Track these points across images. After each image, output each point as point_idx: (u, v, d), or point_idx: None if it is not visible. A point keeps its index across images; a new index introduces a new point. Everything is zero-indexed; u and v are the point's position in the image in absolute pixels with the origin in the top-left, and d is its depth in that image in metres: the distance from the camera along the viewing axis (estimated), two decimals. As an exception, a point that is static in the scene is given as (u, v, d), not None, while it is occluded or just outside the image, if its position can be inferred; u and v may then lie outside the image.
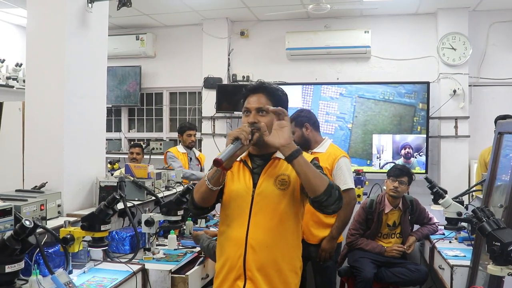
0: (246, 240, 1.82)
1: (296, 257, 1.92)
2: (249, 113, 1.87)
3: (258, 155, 1.93)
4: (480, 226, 1.91)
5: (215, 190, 1.81)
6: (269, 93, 1.90)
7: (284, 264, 1.85)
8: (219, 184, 1.81)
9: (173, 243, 2.96)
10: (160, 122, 6.91)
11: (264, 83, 1.93)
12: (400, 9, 5.70)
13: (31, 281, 1.97)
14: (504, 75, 5.60)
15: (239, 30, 6.31)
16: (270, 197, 1.84)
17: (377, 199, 3.68)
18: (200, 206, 1.89)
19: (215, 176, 1.78)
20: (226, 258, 1.89)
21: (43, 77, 2.86)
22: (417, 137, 5.62)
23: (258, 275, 1.81)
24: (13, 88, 5.56)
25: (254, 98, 1.89)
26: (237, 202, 1.88)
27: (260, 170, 1.90)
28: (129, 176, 3.22)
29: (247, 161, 1.93)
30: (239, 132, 1.74)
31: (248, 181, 1.88)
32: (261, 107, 1.85)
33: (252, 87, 1.92)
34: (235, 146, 1.71)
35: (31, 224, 1.80)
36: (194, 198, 1.89)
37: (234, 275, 1.85)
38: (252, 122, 1.82)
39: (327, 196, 1.69)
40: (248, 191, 1.87)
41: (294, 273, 1.90)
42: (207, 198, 1.85)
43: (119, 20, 6.15)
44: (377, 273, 3.51)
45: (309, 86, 5.88)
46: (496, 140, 2.71)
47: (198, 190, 1.86)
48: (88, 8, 3.01)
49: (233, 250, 1.86)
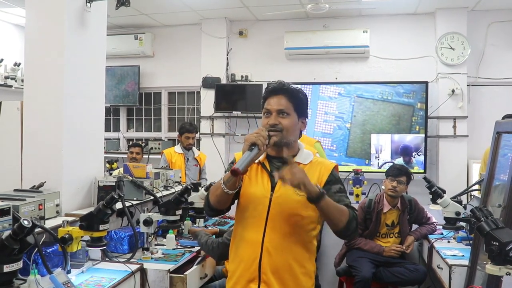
0: (262, 243, 1.81)
1: (310, 261, 1.91)
2: (269, 114, 1.85)
3: (276, 157, 1.90)
4: (479, 226, 1.91)
5: (231, 193, 1.79)
6: (290, 94, 1.86)
7: (298, 268, 1.84)
8: (235, 188, 1.78)
9: (172, 243, 2.96)
10: (158, 121, 6.91)
11: (285, 84, 1.89)
12: (399, 9, 5.71)
13: (29, 280, 1.96)
14: (502, 74, 5.62)
15: (238, 30, 6.31)
16: (288, 202, 1.81)
17: (376, 198, 3.68)
18: (215, 208, 1.88)
19: (231, 180, 1.75)
20: (241, 260, 1.87)
21: (41, 77, 2.86)
22: (416, 137, 5.63)
23: (273, 278, 1.80)
24: (11, 87, 5.57)
25: (274, 99, 1.86)
26: (254, 205, 1.85)
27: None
28: (128, 176, 3.21)
29: (265, 163, 1.90)
30: (256, 137, 1.72)
31: (266, 184, 1.86)
32: (282, 109, 1.82)
33: (273, 88, 1.90)
34: (252, 153, 1.69)
35: (30, 224, 1.80)
36: (209, 200, 1.87)
37: (248, 278, 1.83)
38: (273, 124, 1.81)
39: (347, 230, 1.75)
40: (266, 194, 1.84)
41: (308, 277, 1.88)
42: (223, 201, 1.83)
43: (117, 20, 6.15)
44: (375, 273, 3.51)
45: (308, 86, 5.88)
46: (495, 139, 2.71)
47: (214, 193, 1.84)
48: (87, 8, 3.01)
49: (248, 252, 1.84)
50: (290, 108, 1.85)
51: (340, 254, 3.81)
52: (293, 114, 1.86)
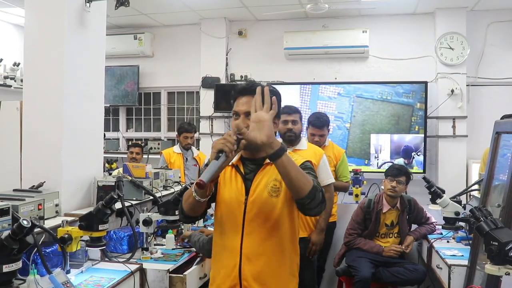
0: (241, 250, 1.76)
1: (294, 261, 1.87)
2: (238, 116, 1.77)
3: (250, 159, 1.84)
4: (478, 226, 1.92)
5: (203, 201, 1.71)
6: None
7: (281, 270, 1.80)
8: (206, 196, 1.70)
9: (171, 243, 2.96)
10: (158, 121, 6.91)
11: (255, 83, 1.76)
12: (398, 9, 5.71)
13: (28, 280, 1.96)
14: (502, 74, 5.62)
15: (237, 30, 6.31)
16: (263, 205, 1.75)
17: (375, 198, 3.68)
18: (189, 215, 1.82)
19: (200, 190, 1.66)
20: (221, 267, 1.83)
21: (41, 77, 2.86)
22: (415, 137, 5.63)
23: (254, 284, 1.76)
24: (10, 87, 5.56)
25: (243, 100, 1.77)
26: (230, 210, 1.79)
27: (253, 176, 1.80)
28: (127, 176, 3.21)
29: (239, 166, 1.84)
30: (223, 144, 1.59)
31: (241, 188, 1.79)
32: (250, 111, 1.65)
33: (241, 88, 1.81)
34: (219, 161, 1.58)
35: (29, 224, 1.80)
36: (183, 208, 1.81)
37: (229, 284, 1.79)
38: (241, 127, 1.66)
39: (311, 199, 1.60)
40: (240, 198, 1.78)
41: (292, 276, 1.85)
42: (196, 208, 1.77)
43: (117, 20, 6.14)
44: (375, 273, 3.51)
45: (307, 86, 5.88)
46: (494, 139, 2.71)
47: (187, 201, 1.77)
48: (86, 8, 3.00)
49: (228, 259, 1.79)
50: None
51: (340, 254, 3.81)
52: None
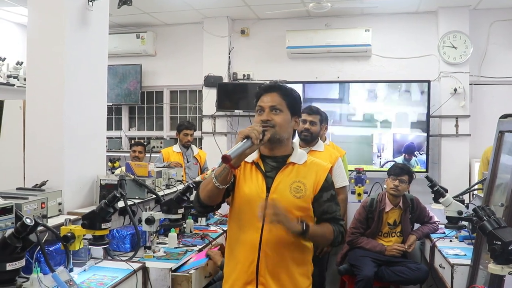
0: (260, 245, 1.79)
1: (308, 261, 1.91)
2: (262, 111, 1.84)
3: (270, 156, 1.88)
4: (481, 225, 1.91)
5: (222, 188, 1.75)
6: (283, 92, 1.87)
7: (296, 269, 1.84)
8: (226, 183, 1.74)
9: (174, 241, 2.96)
10: (160, 120, 6.91)
11: (278, 83, 1.92)
12: (401, 7, 5.69)
13: (32, 279, 1.97)
14: (504, 73, 5.60)
15: (240, 29, 6.31)
16: (284, 203, 1.78)
17: (378, 197, 3.68)
18: (205, 204, 1.84)
19: (222, 174, 1.72)
20: (237, 262, 1.85)
21: (43, 76, 2.86)
22: (418, 136, 5.62)
23: (271, 280, 1.79)
24: (13, 86, 5.56)
25: (267, 97, 1.86)
26: (250, 206, 1.81)
27: (274, 174, 1.85)
28: (130, 175, 3.22)
29: (260, 163, 1.88)
30: (250, 130, 1.70)
31: (262, 185, 1.83)
32: (275, 105, 1.82)
33: (266, 86, 1.90)
34: (245, 144, 1.67)
35: (32, 222, 1.81)
36: (200, 196, 1.83)
37: (245, 280, 1.82)
38: (266, 119, 1.80)
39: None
40: (261, 194, 1.81)
41: (305, 277, 1.88)
42: (214, 196, 1.79)
43: (119, 19, 6.14)
44: (377, 272, 3.51)
45: (310, 85, 5.87)
46: (497, 138, 2.70)
47: (205, 188, 1.80)
48: (89, 7, 3.01)
49: (246, 254, 1.82)
50: (283, 105, 1.84)
51: (342, 253, 3.81)
52: (286, 111, 1.85)
